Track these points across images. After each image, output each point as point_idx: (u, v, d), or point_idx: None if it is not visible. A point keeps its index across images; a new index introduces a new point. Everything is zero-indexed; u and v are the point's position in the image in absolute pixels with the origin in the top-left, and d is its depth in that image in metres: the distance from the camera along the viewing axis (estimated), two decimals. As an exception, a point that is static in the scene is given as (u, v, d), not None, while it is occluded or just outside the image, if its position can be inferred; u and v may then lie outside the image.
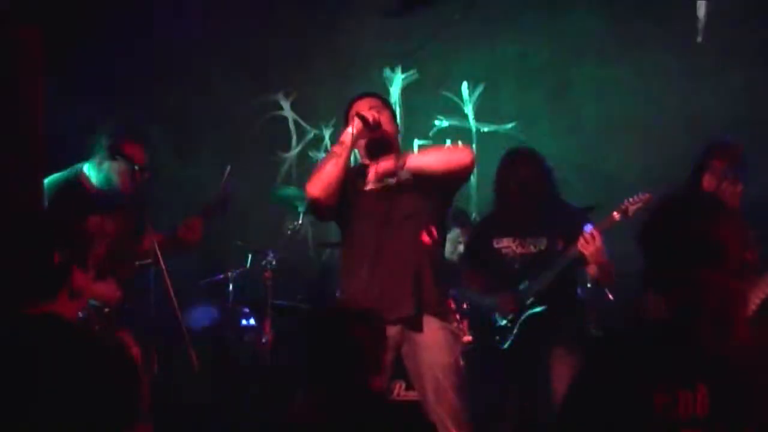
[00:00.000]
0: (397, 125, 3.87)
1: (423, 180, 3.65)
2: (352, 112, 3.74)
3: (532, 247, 4.10)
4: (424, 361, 3.63)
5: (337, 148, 3.70)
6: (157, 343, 3.89)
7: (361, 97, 3.87)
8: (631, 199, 3.99)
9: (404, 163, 3.64)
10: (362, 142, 3.74)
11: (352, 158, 3.78)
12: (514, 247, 4.12)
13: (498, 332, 4.11)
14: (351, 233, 3.78)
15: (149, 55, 6.00)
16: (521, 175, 4.14)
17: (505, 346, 4.08)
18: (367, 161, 3.78)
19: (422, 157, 3.82)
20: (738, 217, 2.01)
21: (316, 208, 3.74)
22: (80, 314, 2.70)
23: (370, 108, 3.73)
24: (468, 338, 4.54)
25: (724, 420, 1.83)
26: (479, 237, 4.35)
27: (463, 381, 3.65)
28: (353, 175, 3.76)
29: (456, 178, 3.73)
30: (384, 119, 3.72)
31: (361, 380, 2.79)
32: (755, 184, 4.10)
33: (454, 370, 3.62)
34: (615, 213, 3.99)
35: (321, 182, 3.64)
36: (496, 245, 4.15)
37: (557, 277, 4.02)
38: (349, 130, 3.65)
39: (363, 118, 3.65)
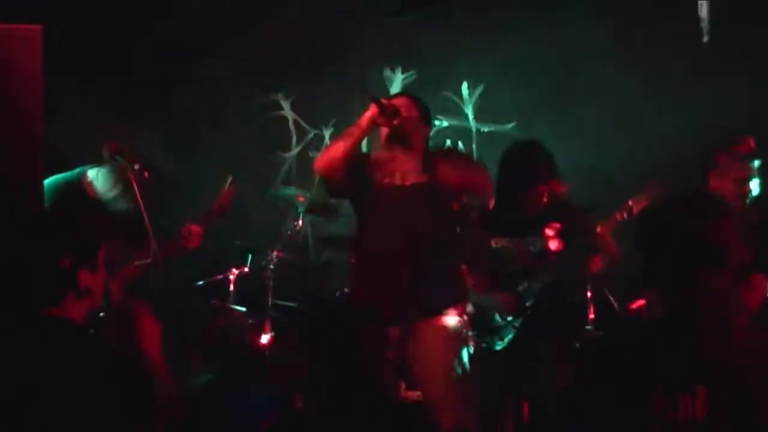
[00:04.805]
0: (424, 128, 3.88)
1: (441, 186, 3.70)
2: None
3: (531, 248, 4.09)
4: (427, 361, 3.63)
5: (350, 128, 3.81)
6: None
7: (396, 95, 4.04)
8: (633, 198, 3.97)
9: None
10: (383, 134, 3.78)
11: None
12: (513, 248, 4.11)
13: (495, 332, 4.11)
14: (362, 226, 3.86)
15: (149, 55, 6.00)
16: (541, 176, 4.12)
17: (499, 347, 4.07)
18: (387, 154, 3.82)
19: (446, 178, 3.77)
20: (736, 216, 2.01)
21: (324, 183, 3.92)
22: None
23: (399, 105, 3.78)
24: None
25: (723, 422, 1.83)
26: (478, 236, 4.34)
27: (467, 382, 3.65)
28: (374, 166, 3.81)
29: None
30: (407, 115, 3.75)
31: (365, 379, 2.79)
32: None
33: (458, 371, 3.63)
34: (618, 213, 3.99)
35: (326, 157, 3.83)
36: (494, 245, 4.14)
37: (557, 277, 4.02)
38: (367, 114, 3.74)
39: (379, 105, 3.69)
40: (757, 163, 4.01)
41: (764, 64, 5.26)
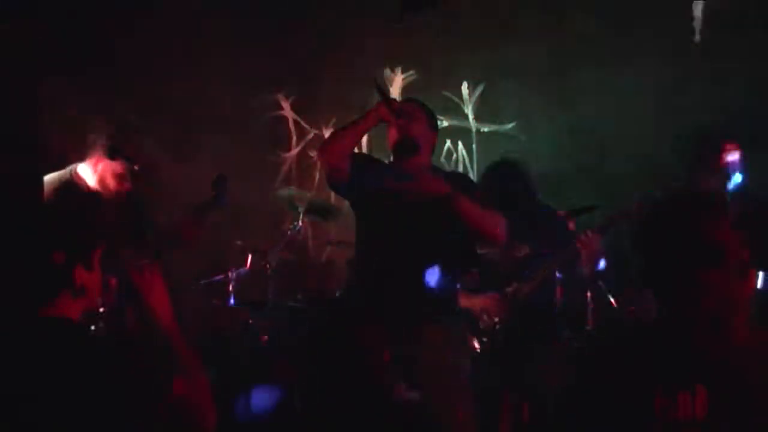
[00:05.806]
0: (431, 135, 3.87)
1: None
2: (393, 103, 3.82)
3: (516, 253, 4.12)
4: (428, 362, 3.63)
5: (356, 120, 3.79)
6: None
7: (405, 99, 4.03)
8: (633, 204, 3.98)
9: (451, 198, 3.61)
10: (390, 137, 3.78)
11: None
12: (498, 253, 4.14)
13: (484, 334, 4.12)
14: (365, 227, 3.83)
15: (148, 54, 6.00)
16: (503, 187, 4.24)
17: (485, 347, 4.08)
18: (392, 158, 3.84)
19: (469, 207, 3.66)
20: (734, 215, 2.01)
21: (327, 175, 3.82)
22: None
23: (407, 109, 3.78)
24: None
25: (723, 422, 1.82)
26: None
27: (466, 383, 3.66)
28: (382, 169, 3.81)
29: (478, 238, 3.79)
30: (415, 121, 3.75)
31: (363, 379, 2.79)
32: (755, 184, 4.11)
33: (457, 372, 3.63)
34: (615, 214, 4.01)
35: (331, 146, 3.78)
36: (479, 251, 4.15)
37: (545, 279, 4.05)
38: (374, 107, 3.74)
39: (387, 100, 3.69)
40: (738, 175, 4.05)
41: (759, 64, 5.26)
